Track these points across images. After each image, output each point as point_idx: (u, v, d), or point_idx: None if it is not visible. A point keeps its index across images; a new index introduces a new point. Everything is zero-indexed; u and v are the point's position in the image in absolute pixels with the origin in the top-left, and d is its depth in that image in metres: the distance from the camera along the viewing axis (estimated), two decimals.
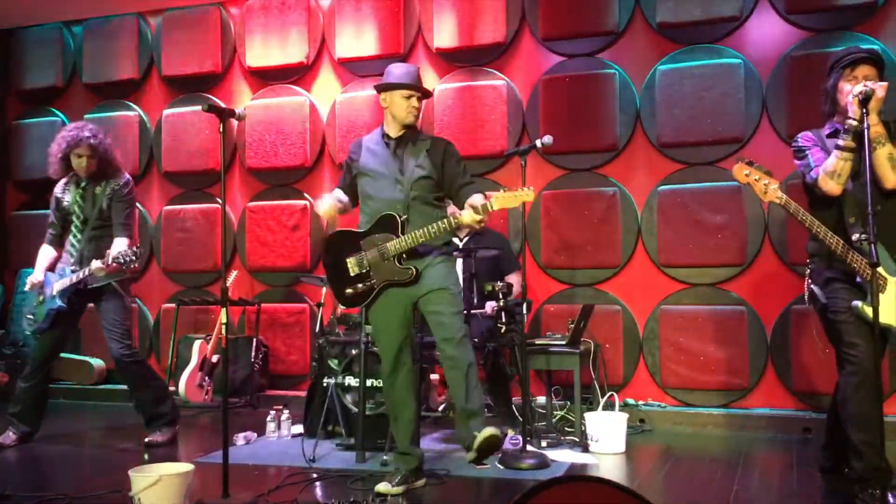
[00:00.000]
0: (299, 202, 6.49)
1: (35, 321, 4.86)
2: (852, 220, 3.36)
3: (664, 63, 5.56)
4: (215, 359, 6.04)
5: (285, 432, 5.00)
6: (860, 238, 3.28)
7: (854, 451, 3.38)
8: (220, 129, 3.72)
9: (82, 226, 4.83)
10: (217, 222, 6.66)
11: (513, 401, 5.05)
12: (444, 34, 6.08)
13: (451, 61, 6.14)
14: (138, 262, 4.58)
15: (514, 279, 5.08)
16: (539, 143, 4.37)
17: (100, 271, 4.58)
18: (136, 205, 5.03)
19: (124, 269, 4.59)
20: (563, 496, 1.94)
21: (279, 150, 6.52)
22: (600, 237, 5.66)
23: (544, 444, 4.64)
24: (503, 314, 4.75)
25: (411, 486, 3.73)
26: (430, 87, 3.99)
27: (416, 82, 3.84)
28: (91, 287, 4.75)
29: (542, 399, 5.32)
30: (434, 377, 5.07)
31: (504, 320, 4.75)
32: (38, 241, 7.06)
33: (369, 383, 4.51)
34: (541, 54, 5.94)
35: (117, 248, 4.67)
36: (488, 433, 3.51)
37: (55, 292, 4.75)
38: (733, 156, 5.37)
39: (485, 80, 5.99)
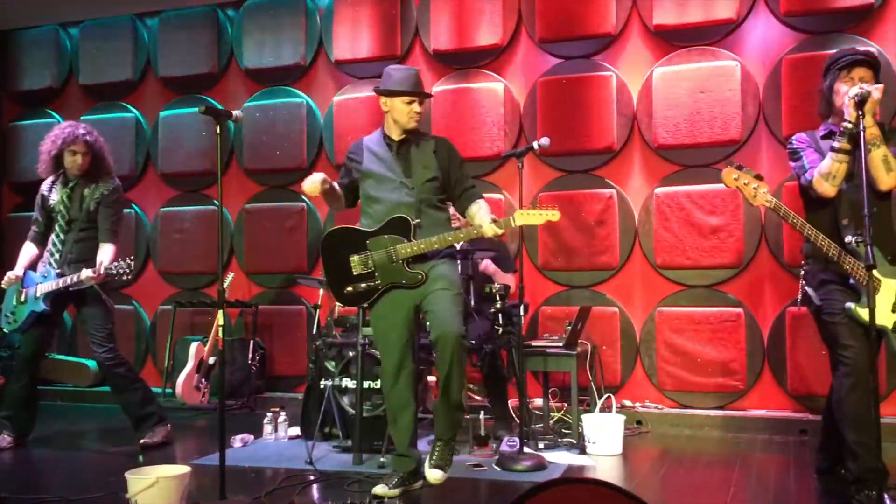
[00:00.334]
0: (296, 204, 6.49)
1: (15, 321, 4.82)
2: (846, 221, 3.37)
3: (661, 65, 5.57)
4: (212, 361, 6.03)
5: (282, 434, 5.00)
6: (854, 240, 3.29)
7: (850, 453, 3.39)
8: (217, 131, 3.71)
9: (67, 226, 4.79)
10: (214, 224, 6.65)
11: (510, 402, 5.06)
12: (442, 36, 6.08)
13: (448, 63, 6.15)
14: (131, 274, 4.55)
15: (511, 281, 5.08)
16: (536, 144, 4.38)
17: (90, 280, 4.55)
18: (124, 210, 4.98)
19: (116, 279, 4.57)
20: (561, 498, 1.94)
21: (276, 152, 6.51)
22: (597, 239, 5.66)
23: (541, 445, 4.64)
24: (500, 316, 4.75)
25: (408, 487, 3.73)
26: (426, 89, 3.97)
27: (417, 87, 3.80)
28: (73, 290, 4.69)
29: (539, 401, 5.32)
30: (431, 379, 5.07)
31: (501, 322, 4.75)
32: None
33: (366, 385, 4.51)
34: (538, 56, 5.95)
35: (104, 254, 4.67)
36: (434, 479, 3.60)
37: (39, 294, 4.71)
38: (730, 158, 5.38)
39: (482, 82, 5.99)
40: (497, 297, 4.72)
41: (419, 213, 3.70)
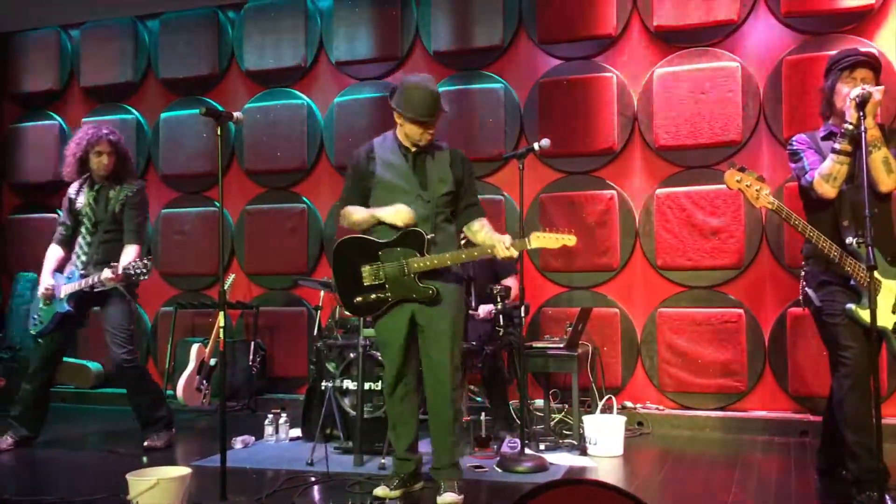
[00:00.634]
0: (297, 205, 6.49)
1: (41, 322, 4.85)
2: (846, 222, 3.37)
3: (661, 66, 5.57)
4: (213, 362, 6.03)
5: (283, 436, 5.00)
6: (855, 241, 3.29)
7: (850, 454, 3.39)
8: (218, 133, 3.71)
9: (93, 228, 4.82)
10: (215, 225, 6.65)
11: (511, 404, 5.05)
12: (442, 37, 6.08)
13: (448, 64, 6.15)
14: (149, 275, 4.56)
15: (512, 282, 5.08)
16: (537, 146, 4.37)
17: (109, 280, 4.56)
18: (148, 211, 5.01)
19: (133, 279, 4.59)
20: (562, 499, 1.95)
21: (277, 153, 6.52)
22: (598, 240, 5.66)
23: (542, 447, 4.64)
24: (501, 317, 4.75)
25: (409, 489, 3.73)
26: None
27: (431, 112, 3.57)
28: (97, 290, 4.73)
29: (540, 402, 5.32)
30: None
31: (502, 323, 4.75)
32: (34, 245, 7.14)
33: (367, 386, 4.51)
34: (538, 57, 5.95)
35: (127, 256, 4.70)
36: (449, 501, 3.54)
37: (63, 295, 4.74)
38: (731, 158, 5.39)
39: (482, 83, 5.99)
40: (498, 299, 4.71)
41: (434, 228, 3.62)
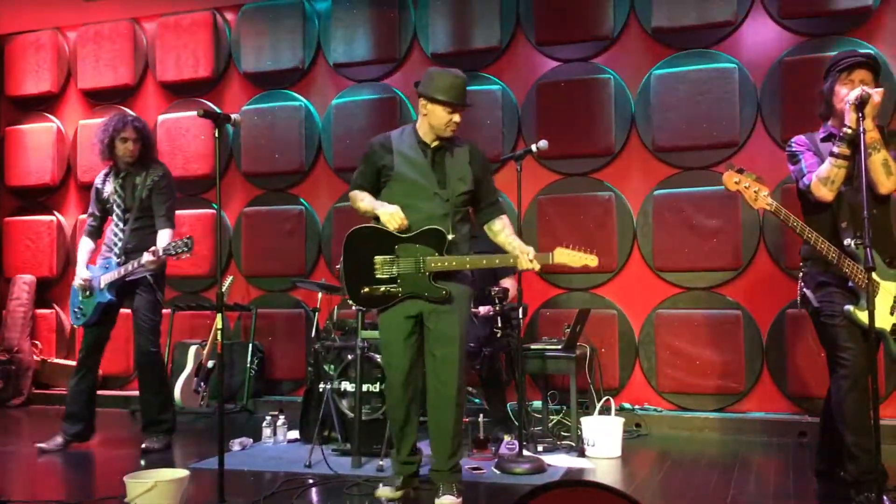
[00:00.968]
0: (295, 207, 6.49)
1: (84, 314, 4.86)
2: (844, 224, 3.37)
3: (659, 68, 5.58)
4: (211, 364, 6.03)
5: (281, 438, 5.00)
6: (853, 242, 3.29)
7: (848, 455, 3.39)
8: (216, 135, 3.72)
9: (124, 215, 4.85)
10: (213, 227, 6.64)
11: (509, 405, 5.05)
12: (440, 39, 6.09)
13: (446, 66, 6.09)
14: (190, 252, 4.58)
15: (510, 283, 5.08)
16: (534, 147, 4.38)
17: (151, 263, 4.62)
18: (175, 194, 5.02)
19: (176, 258, 4.61)
20: (560, 501, 1.94)
21: (275, 155, 6.52)
22: (596, 242, 5.61)
23: (540, 448, 4.64)
24: (499, 319, 4.75)
25: (410, 488, 3.73)
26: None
27: (461, 98, 3.61)
28: (128, 280, 4.77)
29: (538, 403, 5.32)
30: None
31: (500, 325, 4.75)
32: (32, 248, 7.15)
33: (365, 388, 4.50)
34: (536, 59, 5.95)
35: (163, 238, 4.75)
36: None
37: (103, 285, 4.76)
38: (728, 160, 5.39)
39: (480, 84, 5.99)
40: (496, 300, 4.72)
41: (453, 228, 3.57)
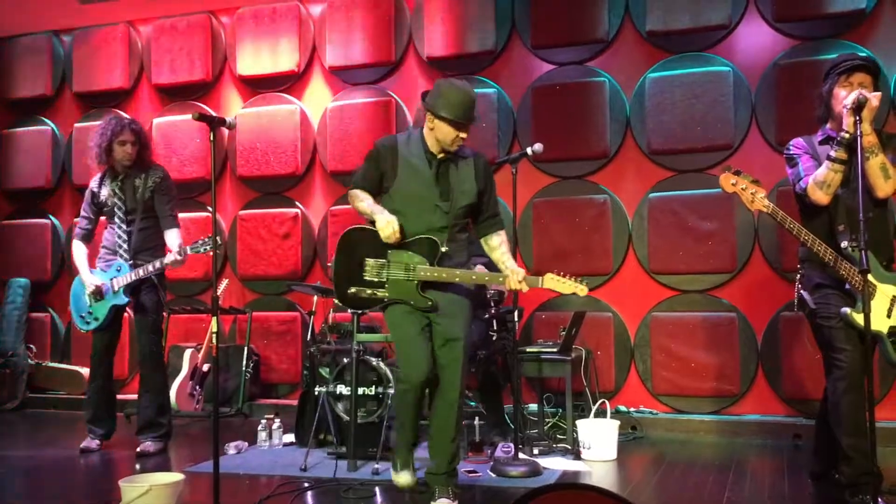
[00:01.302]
0: (290, 210, 6.49)
1: (95, 319, 4.85)
2: (841, 227, 3.38)
3: (654, 71, 5.59)
4: (206, 368, 6.02)
5: (277, 441, 4.99)
6: (849, 245, 3.30)
7: (843, 456, 3.39)
8: (211, 138, 3.71)
9: (127, 217, 4.85)
10: (208, 230, 6.64)
11: (504, 408, 5.05)
12: (435, 42, 6.09)
13: (441, 69, 6.16)
14: (218, 247, 4.59)
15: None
16: (530, 150, 4.38)
17: (176, 263, 4.68)
18: (176, 194, 5.04)
19: (204, 254, 4.65)
20: None
21: (270, 159, 6.51)
22: (591, 244, 5.67)
23: (536, 451, 4.64)
24: (495, 322, 4.75)
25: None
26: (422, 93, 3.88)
27: (468, 116, 3.51)
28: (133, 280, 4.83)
29: (533, 406, 5.32)
30: None
31: (496, 328, 4.75)
32: (26, 251, 7.13)
33: (361, 392, 4.50)
34: (531, 62, 5.96)
35: (173, 238, 4.82)
36: None
37: (117, 288, 4.77)
38: (723, 163, 5.40)
39: (476, 87, 5.96)
40: (491, 303, 4.72)
41: (449, 240, 3.56)
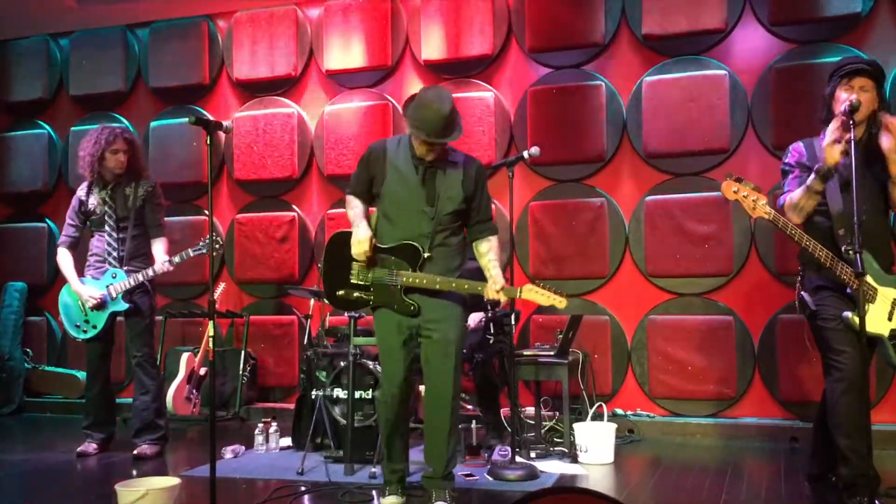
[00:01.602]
0: (287, 214, 6.48)
1: (93, 327, 4.88)
2: (841, 231, 3.39)
3: (650, 74, 5.60)
4: (203, 371, 6.01)
5: (273, 445, 4.98)
6: (848, 249, 3.31)
7: (841, 458, 3.41)
8: (208, 142, 3.71)
9: (117, 225, 4.90)
10: (205, 234, 6.62)
11: (502, 412, 5.05)
12: (432, 46, 6.10)
13: (438, 73, 6.16)
14: (219, 249, 4.63)
15: None
16: (526, 154, 4.39)
17: (164, 271, 4.81)
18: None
19: (208, 255, 4.67)
20: None
21: (267, 162, 6.51)
22: (588, 248, 5.67)
23: (533, 454, 4.64)
24: (491, 325, 4.75)
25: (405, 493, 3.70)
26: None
27: (438, 135, 3.43)
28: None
29: (530, 410, 5.31)
30: (423, 388, 5.05)
31: (492, 331, 4.75)
32: (23, 255, 7.12)
33: (358, 395, 4.50)
34: (528, 66, 5.97)
35: (160, 247, 4.92)
36: None
37: (115, 295, 4.81)
38: (719, 166, 5.42)
39: (472, 91, 6.00)
40: (488, 307, 4.72)
41: (432, 245, 3.56)
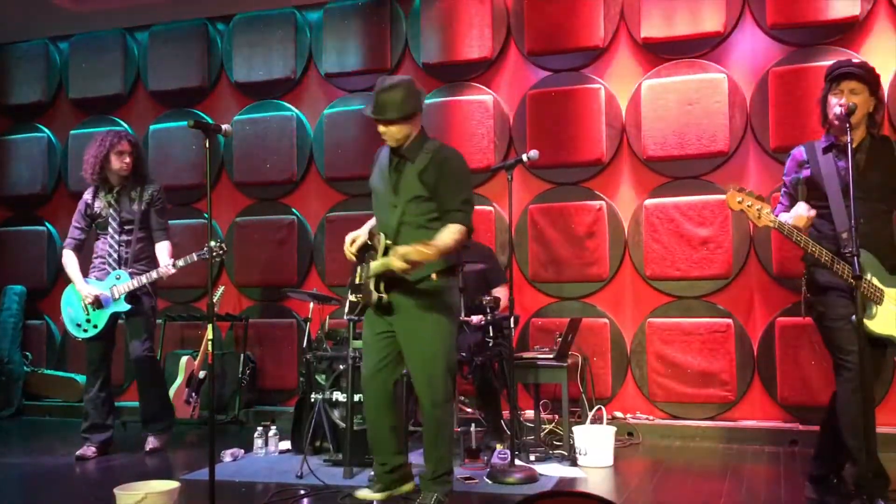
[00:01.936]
0: (287, 217, 6.49)
1: (94, 327, 4.93)
2: (845, 234, 3.40)
3: (649, 77, 5.61)
4: (202, 375, 6.01)
5: (273, 448, 4.98)
6: (846, 251, 3.32)
7: (850, 458, 3.42)
8: (207, 145, 3.71)
9: (121, 228, 4.97)
10: (204, 237, 6.62)
11: (501, 415, 5.05)
12: (431, 49, 6.10)
13: (437, 76, 6.17)
14: (223, 253, 4.72)
15: (502, 293, 5.08)
16: (525, 157, 4.39)
17: (166, 274, 4.86)
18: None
19: (214, 261, 4.63)
20: None
21: (266, 165, 6.51)
22: (587, 251, 5.68)
23: (532, 458, 4.64)
24: (491, 328, 4.75)
25: (395, 491, 3.68)
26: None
27: (377, 112, 3.52)
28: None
29: (530, 413, 5.31)
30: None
31: (492, 334, 4.75)
32: (22, 258, 7.11)
33: (357, 398, 4.49)
34: (527, 69, 5.98)
35: (164, 250, 5.00)
36: None
37: (118, 296, 4.87)
38: (718, 169, 5.43)
39: (471, 94, 6.01)
40: (487, 309, 4.72)
41: (397, 234, 3.55)
